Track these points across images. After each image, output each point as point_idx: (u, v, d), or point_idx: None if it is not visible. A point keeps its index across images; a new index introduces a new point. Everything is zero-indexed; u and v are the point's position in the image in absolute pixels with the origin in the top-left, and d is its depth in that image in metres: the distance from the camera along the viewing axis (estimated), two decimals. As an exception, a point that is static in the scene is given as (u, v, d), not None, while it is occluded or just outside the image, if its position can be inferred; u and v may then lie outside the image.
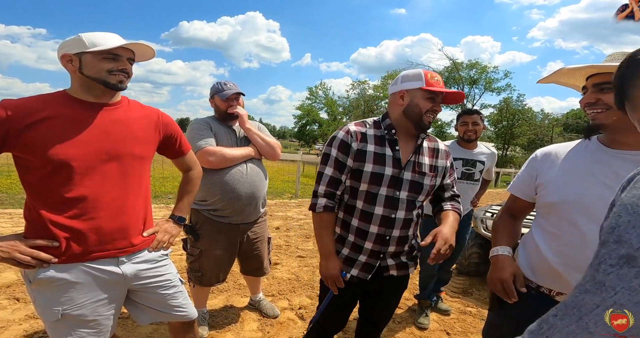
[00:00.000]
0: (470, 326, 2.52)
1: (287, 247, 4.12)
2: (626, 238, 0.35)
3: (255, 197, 1.95)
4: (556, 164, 1.13)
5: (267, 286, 2.92)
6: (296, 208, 6.66)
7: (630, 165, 0.98)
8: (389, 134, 1.30)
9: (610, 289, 0.35)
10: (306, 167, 16.65)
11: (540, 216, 1.18)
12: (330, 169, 1.30)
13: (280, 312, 2.45)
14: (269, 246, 2.23)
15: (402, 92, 1.27)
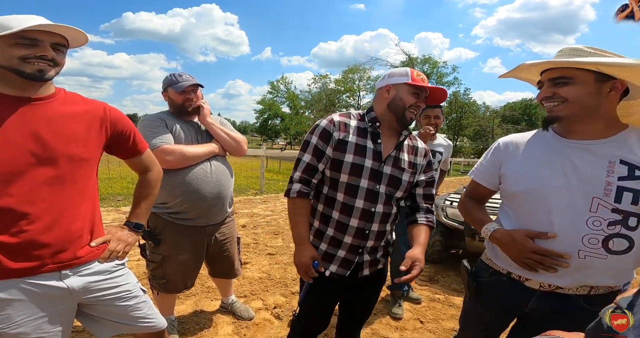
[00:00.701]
0: (440, 312, 2.62)
1: (255, 245, 4.03)
2: None
3: (221, 197, 1.84)
4: (518, 154, 1.18)
5: (239, 287, 2.81)
6: (262, 204, 6.52)
7: (583, 154, 1.04)
8: (373, 126, 1.31)
9: None
10: (270, 162, 16.42)
11: (507, 205, 1.22)
12: (308, 156, 1.29)
13: (255, 312, 2.37)
14: (238, 246, 2.12)
15: (388, 86, 1.30)
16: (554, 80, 1.03)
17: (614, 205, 0.97)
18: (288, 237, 4.37)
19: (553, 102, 1.04)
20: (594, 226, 1.00)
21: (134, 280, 1.25)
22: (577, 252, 1.01)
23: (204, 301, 2.53)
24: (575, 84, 1.00)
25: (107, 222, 4.46)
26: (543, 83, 1.08)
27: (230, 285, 2.35)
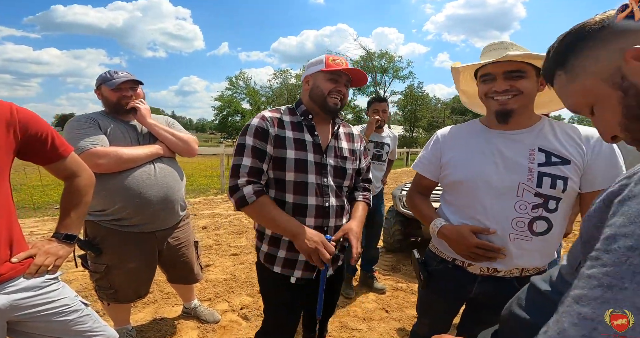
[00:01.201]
0: (404, 301, 2.71)
1: (218, 246, 3.91)
2: None
3: (170, 200, 1.73)
4: (455, 144, 1.25)
5: (201, 290, 2.71)
6: (224, 204, 6.33)
7: (508, 143, 1.12)
8: (306, 119, 1.29)
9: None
10: (230, 160, 15.99)
11: (447, 193, 1.28)
12: (248, 159, 1.19)
13: (221, 315, 2.30)
14: (197, 250, 2.04)
15: (307, 77, 1.30)
16: (511, 74, 1.06)
17: (536, 190, 1.06)
18: (252, 236, 4.29)
19: (508, 95, 1.07)
20: (521, 210, 1.08)
21: (72, 294, 1.17)
22: (508, 235, 1.09)
23: (164, 308, 2.41)
24: (527, 77, 1.06)
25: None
26: (492, 76, 1.09)
27: (191, 290, 2.26)
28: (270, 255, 1.29)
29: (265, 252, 1.31)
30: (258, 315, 2.37)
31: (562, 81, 0.54)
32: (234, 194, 1.19)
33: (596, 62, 0.48)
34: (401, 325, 2.36)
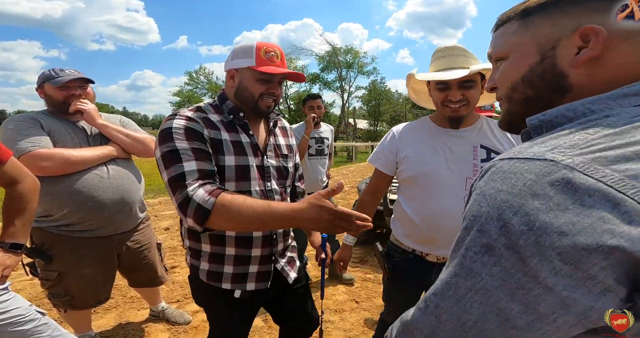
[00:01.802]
0: (372, 291, 2.81)
1: (183, 247, 3.81)
2: (486, 229, 0.38)
3: (127, 203, 1.68)
4: (410, 142, 1.32)
5: (168, 292, 2.63)
6: (186, 203, 6.14)
7: (456, 140, 1.24)
8: (237, 118, 1.10)
9: (477, 275, 0.39)
10: None
11: (404, 187, 1.36)
12: (192, 162, 0.93)
13: (192, 316, 2.26)
14: (160, 252, 2.00)
15: (232, 72, 1.08)
16: (464, 83, 1.15)
17: None
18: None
19: (460, 103, 1.18)
20: None
21: (26, 304, 1.14)
22: (459, 226, 1.20)
23: (129, 312, 2.33)
24: (476, 86, 1.18)
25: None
26: (447, 85, 1.18)
27: (157, 293, 2.22)
28: (215, 273, 1.13)
29: (206, 270, 1.13)
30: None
31: (509, 29, 0.53)
32: (188, 208, 0.87)
33: (551, 26, 0.48)
34: (371, 315, 2.46)
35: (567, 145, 0.37)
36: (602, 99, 0.41)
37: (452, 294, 0.42)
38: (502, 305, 0.37)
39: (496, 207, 0.37)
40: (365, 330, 2.25)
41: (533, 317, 0.36)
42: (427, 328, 0.44)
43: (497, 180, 0.39)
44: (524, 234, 0.35)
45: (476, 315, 0.40)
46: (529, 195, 0.35)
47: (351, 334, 2.20)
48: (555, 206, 0.34)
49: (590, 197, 0.33)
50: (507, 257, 0.36)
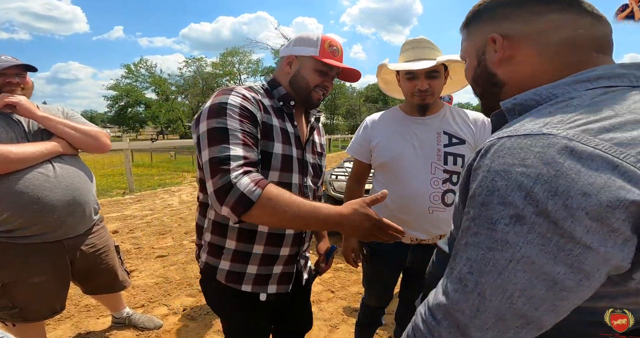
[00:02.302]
0: (345, 280, 2.86)
1: (138, 250, 3.52)
2: (510, 200, 0.40)
3: (78, 203, 1.54)
4: (381, 130, 1.39)
5: (130, 297, 2.48)
6: (135, 204, 5.65)
7: (421, 127, 1.32)
8: (286, 106, 1.05)
9: (514, 245, 0.40)
10: (136, 156, 14.24)
11: (378, 173, 1.43)
12: (240, 147, 0.84)
13: (162, 319, 2.15)
14: (119, 255, 1.89)
15: (292, 58, 1.05)
16: (430, 73, 1.24)
17: (444, 167, 1.26)
18: (179, 236, 3.96)
19: (427, 93, 1.27)
20: (435, 185, 1.26)
21: None
22: (427, 208, 1.26)
23: (87, 321, 2.15)
24: (440, 77, 1.27)
25: None
26: (417, 75, 1.26)
27: (119, 298, 2.08)
28: (236, 273, 1.03)
29: (226, 270, 1.03)
30: (205, 314, 2.27)
31: (463, 35, 0.64)
32: (227, 196, 0.79)
33: (479, 35, 0.59)
34: (348, 303, 2.50)
35: (556, 122, 0.42)
36: (560, 85, 0.48)
37: (491, 269, 0.42)
38: (548, 269, 0.39)
39: (513, 180, 0.40)
40: (345, 318, 2.28)
41: (580, 276, 0.39)
42: (470, 308, 0.44)
43: (505, 156, 0.42)
44: (551, 199, 0.38)
45: (522, 284, 0.41)
46: (543, 164, 0.39)
47: (331, 323, 2.22)
48: (570, 171, 0.37)
49: (593, 161, 0.37)
50: (540, 223, 0.39)
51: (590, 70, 0.47)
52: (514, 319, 0.42)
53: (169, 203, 5.70)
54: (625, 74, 0.46)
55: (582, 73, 0.48)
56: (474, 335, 0.44)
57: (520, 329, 0.43)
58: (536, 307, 0.41)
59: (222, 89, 0.95)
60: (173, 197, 6.27)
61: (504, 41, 0.55)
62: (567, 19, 0.51)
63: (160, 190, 7.06)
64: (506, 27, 0.55)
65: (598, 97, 0.44)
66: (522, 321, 0.42)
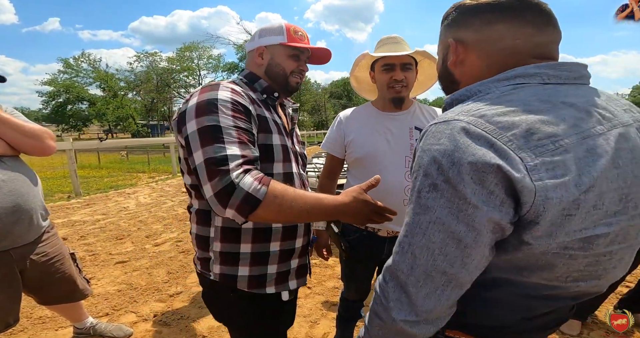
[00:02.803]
0: (321, 275, 2.85)
1: (93, 257, 3.25)
2: (429, 172, 0.50)
3: (24, 210, 1.43)
4: (355, 126, 1.42)
5: (91, 307, 2.34)
6: (85, 208, 5.20)
7: (395, 123, 1.37)
8: (270, 97, 1.05)
9: (431, 209, 0.50)
10: (81, 157, 13.08)
11: (353, 168, 1.47)
12: (236, 145, 0.80)
13: (131, 327, 2.04)
14: (76, 263, 1.79)
15: (261, 49, 1.04)
16: (405, 65, 1.30)
17: None
18: (139, 240, 3.72)
19: (402, 84, 1.32)
20: (408, 178, 1.31)
21: None
22: (402, 201, 1.31)
23: (43, 333, 2.03)
24: (412, 70, 1.33)
25: None
26: (394, 67, 1.31)
27: (80, 307, 1.97)
28: (258, 277, 0.98)
29: (247, 275, 0.97)
30: (179, 318, 2.16)
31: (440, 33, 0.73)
32: (231, 197, 0.75)
33: (445, 37, 0.68)
34: (325, 298, 2.51)
35: (464, 111, 0.52)
36: (485, 83, 0.59)
37: (418, 230, 0.52)
38: (453, 228, 0.49)
39: (432, 156, 0.51)
40: (324, 313, 2.29)
41: (475, 233, 0.48)
42: (406, 266, 0.53)
43: (430, 138, 0.53)
44: (451, 169, 0.48)
45: (439, 242, 0.50)
46: (448, 142, 0.49)
47: (311, 319, 2.21)
48: (462, 145, 0.48)
49: (478, 140, 0.48)
50: (446, 189, 0.49)
51: (510, 70, 0.57)
52: (438, 276, 0.51)
53: (124, 206, 5.32)
54: (538, 73, 0.56)
55: (504, 73, 0.58)
56: (412, 291, 0.53)
57: (446, 287, 0.52)
58: (452, 264, 0.50)
59: (207, 85, 0.91)
60: (129, 200, 5.87)
61: (457, 46, 0.64)
62: (509, 29, 0.59)
63: (113, 192, 6.58)
64: (462, 34, 0.64)
65: (507, 92, 0.54)
66: (445, 278, 0.51)
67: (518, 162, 0.46)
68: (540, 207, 0.46)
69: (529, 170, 0.46)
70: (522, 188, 0.46)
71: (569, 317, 0.68)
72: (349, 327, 1.78)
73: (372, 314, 0.59)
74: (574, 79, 0.57)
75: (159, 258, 3.19)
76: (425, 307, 0.52)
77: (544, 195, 0.46)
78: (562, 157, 0.47)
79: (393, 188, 1.32)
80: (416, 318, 0.53)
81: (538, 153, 0.46)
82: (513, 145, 0.47)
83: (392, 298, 0.55)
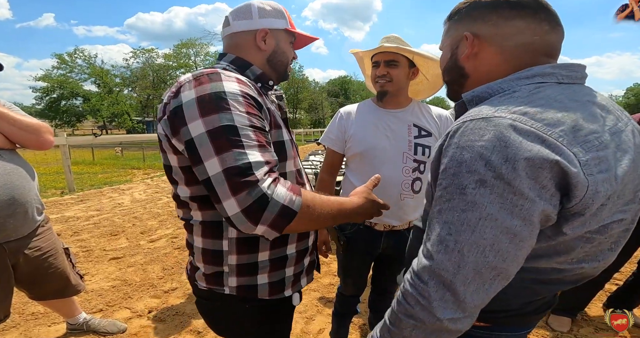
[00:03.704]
0: (316, 272, 2.93)
1: (87, 253, 3.24)
2: (474, 168, 0.50)
3: (19, 204, 1.43)
4: (356, 121, 1.46)
5: (84, 302, 2.33)
6: (79, 204, 5.17)
7: (394, 119, 1.40)
8: (266, 86, 0.95)
9: (481, 205, 0.49)
10: (75, 153, 12.97)
11: (351, 162, 1.49)
12: (255, 150, 0.69)
13: (126, 323, 2.04)
14: (69, 258, 1.79)
15: (264, 32, 0.91)
16: (388, 63, 1.35)
17: (414, 157, 1.36)
18: (134, 236, 3.70)
19: (385, 79, 1.36)
20: (406, 173, 1.36)
21: None
22: (399, 195, 1.36)
23: (37, 329, 2.01)
24: (399, 66, 1.35)
25: None
26: (379, 63, 1.37)
27: (73, 303, 1.97)
28: (279, 282, 0.93)
29: (267, 283, 0.91)
30: (174, 314, 2.17)
31: (444, 29, 0.74)
32: (265, 212, 0.66)
33: (455, 31, 0.69)
34: (321, 294, 2.52)
35: (502, 108, 0.53)
36: (506, 81, 0.60)
37: (466, 228, 0.51)
38: (508, 223, 0.49)
39: (476, 152, 0.50)
40: (320, 309, 2.30)
41: (531, 226, 0.49)
42: (452, 265, 0.52)
43: (469, 135, 0.52)
44: (504, 165, 0.48)
45: (491, 238, 0.50)
46: (496, 138, 0.49)
47: (307, 315, 2.22)
48: (515, 142, 0.48)
49: (528, 136, 0.48)
50: (497, 185, 0.49)
51: (528, 69, 0.59)
52: (488, 271, 0.51)
53: (119, 203, 5.30)
54: (554, 73, 0.58)
55: (522, 71, 0.59)
56: (459, 289, 0.52)
57: (494, 280, 0.52)
58: (504, 259, 0.50)
59: (202, 74, 0.75)
60: (123, 196, 5.84)
61: (474, 39, 0.64)
62: (528, 26, 0.60)
63: (107, 188, 6.54)
64: (478, 28, 0.64)
65: (534, 90, 0.56)
66: (494, 273, 0.51)
67: (573, 157, 0.47)
68: (590, 200, 0.48)
69: (582, 165, 0.47)
70: (577, 183, 0.47)
71: (555, 303, 0.72)
72: (345, 323, 1.79)
73: (400, 316, 0.57)
74: (579, 79, 0.60)
75: (154, 255, 3.19)
76: (474, 303, 0.52)
77: (595, 189, 0.48)
78: (605, 152, 0.50)
79: (391, 183, 1.35)
80: (463, 314, 0.53)
81: (587, 148, 0.48)
82: (565, 141, 0.48)
83: (435, 298, 0.53)
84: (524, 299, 0.64)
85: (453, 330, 0.54)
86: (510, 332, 0.69)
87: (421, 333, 0.55)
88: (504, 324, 0.68)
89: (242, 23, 0.90)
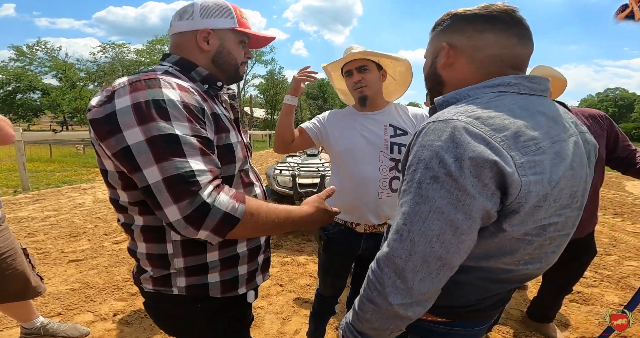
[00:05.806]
0: (293, 273, 2.85)
1: (43, 254, 3.04)
2: (431, 165, 0.56)
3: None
4: (337, 123, 1.55)
5: (41, 306, 2.21)
6: (34, 204, 4.84)
7: (370, 121, 1.48)
8: (213, 88, 0.93)
9: (432, 199, 0.56)
10: (31, 149, 12.12)
11: (334, 163, 1.57)
12: (198, 158, 0.70)
13: (88, 326, 1.95)
14: (28, 259, 1.74)
15: (207, 32, 0.89)
16: (360, 68, 1.44)
17: (390, 155, 1.42)
18: (96, 237, 3.51)
19: (361, 84, 1.45)
20: (383, 172, 1.41)
21: None
22: (377, 193, 1.40)
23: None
24: (370, 70, 1.45)
25: None
26: (352, 72, 1.46)
27: (29, 307, 1.89)
28: (232, 280, 0.93)
29: (218, 280, 0.91)
30: (142, 316, 2.07)
31: (429, 38, 0.79)
32: (205, 220, 0.68)
33: (437, 41, 0.74)
34: (297, 295, 2.50)
35: (461, 112, 0.59)
36: (473, 88, 0.66)
37: (418, 219, 0.57)
38: (452, 217, 0.55)
39: (434, 151, 0.57)
40: (296, 310, 2.28)
41: (471, 221, 0.55)
42: (404, 253, 0.58)
43: (430, 135, 0.59)
44: (454, 163, 0.54)
45: (437, 230, 0.56)
46: (450, 139, 0.56)
47: (283, 316, 2.20)
48: (464, 143, 0.54)
49: (476, 138, 0.55)
50: (447, 181, 0.55)
51: (494, 79, 0.65)
52: (434, 261, 0.57)
53: (79, 203, 5.02)
54: (517, 84, 0.64)
55: (488, 81, 0.65)
56: (409, 276, 0.57)
57: (439, 271, 0.58)
58: (447, 250, 0.56)
59: (137, 79, 0.73)
60: (85, 196, 5.54)
61: (449, 50, 0.71)
62: (498, 39, 0.66)
63: (66, 187, 6.19)
64: (456, 39, 0.70)
65: (494, 98, 0.62)
66: (440, 263, 0.57)
67: (509, 159, 0.54)
68: (523, 199, 0.55)
69: (517, 167, 0.54)
70: (511, 182, 0.54)
71: (509, 298, 0.81)
72: (322, 323, 1.79)
73: (363, 300, 0.64)
74: (541, 91, 0.67)
75: (119, 257, 3.04)
76: (421, 290, 0.58)
77: (527, 189, 0.55)
78: (541, 157, 0.56)
79: (368, 181, 1.41)
80: (411, 300, 0.59)
81: (524, 153, 0.55)
82: (505, 145, 0.54)
83: (388, 284, 0.59)
84: (479, 296, 0.71)
85: (403, 316, 0.60)
86: (470, 328, 0.76)
87: (379, 318, 0.62)
88: (463, 319, 0.75)
89: (183, 23, 0.89)
